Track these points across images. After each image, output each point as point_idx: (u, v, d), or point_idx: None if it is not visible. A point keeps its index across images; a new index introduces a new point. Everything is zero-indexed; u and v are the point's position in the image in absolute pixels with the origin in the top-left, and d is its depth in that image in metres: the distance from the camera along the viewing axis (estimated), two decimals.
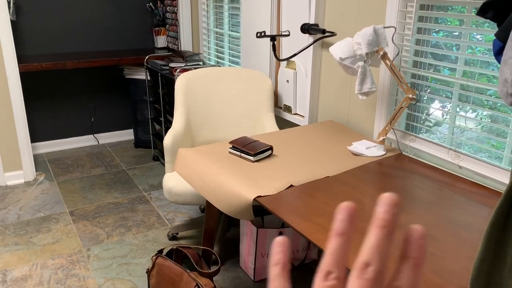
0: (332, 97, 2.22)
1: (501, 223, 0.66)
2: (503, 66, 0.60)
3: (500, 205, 0.65)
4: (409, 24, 1.77)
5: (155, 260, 1.92)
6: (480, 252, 0.68)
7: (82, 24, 3.66)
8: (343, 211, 0.27)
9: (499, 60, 0.68)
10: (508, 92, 0.58)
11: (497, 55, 0.68)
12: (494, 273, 0.68)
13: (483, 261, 0.68)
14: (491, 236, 0.66)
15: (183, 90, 2.45)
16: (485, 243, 0.67)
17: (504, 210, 0.65)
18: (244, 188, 1.49)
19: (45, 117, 3.74)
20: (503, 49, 0.65)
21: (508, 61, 0.58)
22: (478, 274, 0.68)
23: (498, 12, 0.68)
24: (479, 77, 1.60)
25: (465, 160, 1.65)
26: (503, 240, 0.66)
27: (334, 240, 0.27)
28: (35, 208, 2.85)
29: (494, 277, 0.67)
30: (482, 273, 0.68)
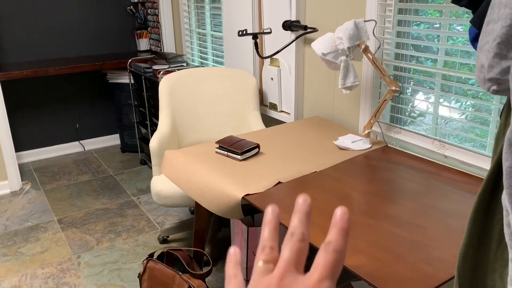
0: (317, 93, 2.22)
1: (484, 208, 0.66)
2: (479, 52, 0.61)
3: (482, 191, 0.65)
4: (389, 17, 1.78)
5: (146, 264, 1.91)
6: (465, 238, 0.68)
7: (63, 30, 3.61)
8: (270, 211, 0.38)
9: (475, 47, 0.69)
10: (485, 77, 0.59)
11: (473, 42, 0.69)
12: (480, 257, 0.68)
13: (468, 246, 0.68)
14: (475, 222, 0.67)
15: (167, 92, 2.43)
16: (470, 229, 0.67)
17: (486, 195, 0.65)
18: (232, 187, 1.49)
19: (29, 126, 3.69)
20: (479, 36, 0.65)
21: (483, 47, 0.59)
22: (464, 260, 0.69)
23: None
24: (460, 67, 1.62)
25: (450, 150, 1.67)
26: (486, 225, 0.67)
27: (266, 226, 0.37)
28: (23, 218, 2.81)
29: (480, 261, 0.68)
30: (468, 258, 0.69)
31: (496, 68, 0.56)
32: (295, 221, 0.35)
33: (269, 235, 0.36)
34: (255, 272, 0.35)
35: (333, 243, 0.33)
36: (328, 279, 0.31)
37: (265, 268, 0.34)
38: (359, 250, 1.15)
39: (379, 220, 1.30)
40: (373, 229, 1.25)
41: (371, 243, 1.18)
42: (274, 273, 0.33)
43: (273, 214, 0.38)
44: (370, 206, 1.38)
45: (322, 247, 0.33)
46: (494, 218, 0.65)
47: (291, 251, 0.34)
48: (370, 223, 1.28)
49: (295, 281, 0.32)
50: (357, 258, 1.11)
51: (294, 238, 0.34)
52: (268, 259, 0.35)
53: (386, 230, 1.24)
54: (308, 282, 0.31)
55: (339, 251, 0.32)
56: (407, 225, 1.27)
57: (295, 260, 0.33)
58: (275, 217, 0.38)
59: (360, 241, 1.19)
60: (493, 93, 0.60)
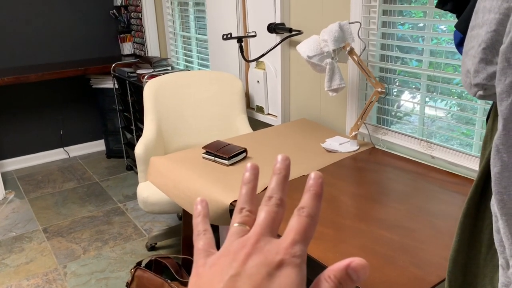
0: (303, 95, 2.22)
1: (473, 213, 0.66)
2: (464, 57, 0.60)
3: (471, 196, 0.65)
4: (373, 19, 1.78)
5: (134, 272, 1.88)
6: (455, 244, 0.67)
7: (45, 35, 3.55)
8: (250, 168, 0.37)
9: (461, 51, 0.68)
10: (471, 83, 0.58)
11: (459, 46, 0.68)
12: (470, 263, 0.68)
13: (458, 252, 0.68)
14: (465, 227, 0.66)
15: (152, 96, 2.40)
16: (459, 234, 0.67)
17: (475, 200, 0.65)
18: (220, 193, 1.47)
19: (12, 133, 3.62)
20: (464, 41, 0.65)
21: (469, 52, 0.58)
22: (455, 266, 0.68)
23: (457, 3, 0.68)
24: (445, 67, 1.63)
25: (437, 150, 1.68)
26: (476, 230, 0.66)
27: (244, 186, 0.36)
28: (6, 228, 2.75)
29: (470, 266, 0.67)
30: (458, 264, 0.68)
31: (482, 73, 0.55)
32: (273, 184, 0.35)
33: (246, 197, 0.36)
34: (230, 232, 0.34)
35: (306, 208, 0.33)
36: (300, 243, 0.32)
37: (240, 230, 0.34)
38: (349, 254, 1.14)
39: (368, 223, 1.29)
40: (362, 232, 1.24)
41: (361, 247, 1.17)
42: (249, 234, 0.33)
43: (252, 174, 0.37)
44: (359, 209, 1.38)
45: (295, 212, 0.33)
46: (484, 223, 0.65)
47: (267, 215, 0.34)
48: (359, 227, 1.27)
49: (269, 244, 0.32)
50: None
51: (271, 202, 0.34)
52: (244, 221, 0.35)
53: (376, 233, 1.24)
54: (281, 246, 0.31)
55: (312, 216, 0.33)
56: (396, 227, 1.27)
57: (271, 224, 0.33)
58: (255, 177, 0.37)
59: (350, 245, 1.18)
60: (479, 98, 0.59)
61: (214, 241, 0.36)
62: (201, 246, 0.35)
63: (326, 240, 1.21)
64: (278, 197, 0.34)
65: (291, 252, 0.31)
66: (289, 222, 0.33)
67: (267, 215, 0.33)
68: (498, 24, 0.51)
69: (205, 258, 0.34)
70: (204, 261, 0.33)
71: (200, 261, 0.34)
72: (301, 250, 0.31)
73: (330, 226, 1.29)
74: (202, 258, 0.34)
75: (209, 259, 0.33)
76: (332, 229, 1.27)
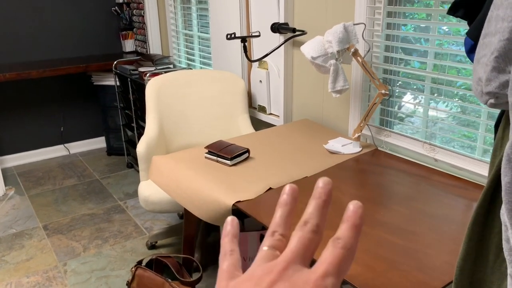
0: (306, 96, 2.21)
1: (482, 221, 0.65)
2: (476, 65, 0.60)
3: (480, 204, 0.64)
4: (378, 20, 1.78)
5: (134, 271, 1.87)
6: (463, 251, 0.67)
7: (47, 32, 3.54)
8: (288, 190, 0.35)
9: (471, 58, 0.68)
10: (482, 91, 0.57)
11: (469, 54, 0.67)
12: (477, 270, 0.67)
13: (465, 260, 0.67)
14: (473, 234, 0.66)
15: (154, 95, 2.40)
16: (467, 241, 0.66)
17: (484, 208, 0.64)
18: (223, 193, 1.46)
19: (13, 129, 3.61)
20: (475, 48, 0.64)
21: (480, 60, 0.58)
22: (461, 273, 0.68)
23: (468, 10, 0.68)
24: (449, 69, 1.62)
25: (440, 153, 1.67)
26: (484, 238, 0.66)
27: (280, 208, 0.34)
28: (6, 224, 2.75)
29: (477, 274, 0.67)
30: (465, 271, 0.68)
31: (494, 82, 0.55)
32: (310, 208, 0.33)
33: (281, 220, 0.34)
34: (258, 255, 0.33)
35: (343, 239, 0.31)
36: (332, 276, 0.29)
37: (269, 254, 0.32)
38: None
39: (372, 226, 1.29)
40: (365, 236, 1.24)
41: (365, 251, 1.17)
42: (278, 260, 0.31)
43: (290, 196, 0.34)
44: None
45: (330, 242, 0.31)
46: (492, 231, 0.64)
47: (300, 241, 0.31)
48: (363, 230, 1.27)
49: (298, 273, 0.30)
50: (352, 267, 1.10)
51: (306, 228, 0.32)
52: (275, 245, 0.33)
53: (379, 237, 1.24)
54: (311, 277, 0.29)
55: (349, 248, 0.31)
56: (400, 231, 1.26)
57: (303, 252, 0.31)
58: (293, 200, 0.34)
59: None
60: (490, 106, 0.58)
61: (240, 263, 0.34)
62: (225, 267, 0.33)
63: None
64: (314, 223, 0.32)
65: (321, 284, 0.28)
66: (322, 252, 0.31)
67: (300, 241, 0.31)
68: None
69: (228, 280, 0.32)
70: (227, 283, 0.31)
71: (222, 283, 0.32)
72: (332, 285, 0.29)
73: (333, 228, 1.28)
74: (225, 280, 0.32)
75: (232, 282, 0.31)
76: (334, 232, 1.27)
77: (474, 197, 1.46)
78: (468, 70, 1.57)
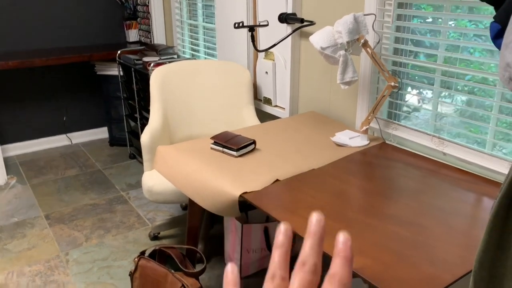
0: (313, 88, 2.19)
1: (504, 213, 0.63)
2: (504, 49, 0.57)
3: (502, 195, 0.62)
4: (388, 11, 1.75)
5: (137, 262, 1.86)
6: (483, 244, 0.65)
7: (50, 20, 3.51)
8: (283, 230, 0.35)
9: (497, 44, 0.65)
10: (510, 76, 0.55)
11: (495, 39, 0.65)
12: (498, 264, 0.65)
13: (485, 252, 0.65)
14: (494, 227, 0.64)
15: (158, 85, 2.37)
16: (488, 233, 0.65)
17: (506, 200, 0.62)
18: (229, 184, 1.45)
19: (15, 118, 3.59)
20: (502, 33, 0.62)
21: (510, 44, 0.55)
22: (481, 266, 0.66)
23: None
24: (458, 62, 1.60)
25: (449, 147, 1.65)
26: (505, 230, 0.64)
27: (277, 250, 0.34)
28: (8, 213, 2.73)
29: (498, 268, 0.65)
30: (485, 265, 0.66)
31: None
32: (306, 247, 0.33)
33: (279, 262, 0.34)
34: None
35: (338, 275, 0.32)
36: None
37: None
38: (362, 251, 1.12)
39: (380, 219, 1.27)
40: (374, 228, 1.22)
41: (374, 244, 1.15)
42: None
43: (285, 236, 0.35)
44: (370, 204, 1.36)
45: (326, 280, 0.32)
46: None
47: (300, 283, 0.32)
48: (371, 223, 1.25)
49: None
50: (361, 259, 1.08)
51: (305, 269, 0.33)
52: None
53: (388, 230, 1.22)
54: None
55: (345, 283, 0.32)
56: (408, 224, 1.25)
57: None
58: (288, 240, 0.35)
59: (363, 242, 1.16)
60: None
61: None
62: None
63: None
64: (312, 263, 0.33)
65: None
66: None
67: (300, 284, 0.32)
68: None
69: None
70: None
71: None
72: None
73: (341, 220, 1.27)
74: None
75: None
76: (342, 224, 1.25)
77: (483, 191, 1.44)
78: (476, 65, 1.55)
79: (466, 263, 1.07)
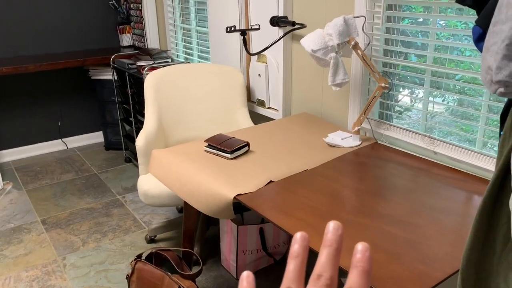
0: (305, 89, 2.21)
1: (489, 212, 0.65)
2: (485, 53, 0.59)
3: (487, 194, 0.64)
4: (378, 13, 1.77)
5: (134, 265, 1.87)
6: (469, 242, 0.67)
7: (44, 25, 3.51)
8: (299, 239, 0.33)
9: (480, 47, 0.67)
10: (492, 80, 0.57)
11: (477, 42, 0.67)
12: (484, 260, 0.67)
13: (472, 250, 0.67)
14: (480, 225, 0.66)
15: (153, 89, 2.38)
16: (474, 232, 0.67)
17: (491, 198, 0.64)
18: (223, 187, 1.46)
19: (10, 124, 3.59)
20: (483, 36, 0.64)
21: (490, 48, 0.58)
22: (468, 264, 0.68)
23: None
24: (448, 63, 1.62)
25: (439, 146, 1.67)
26: (491, 228, 0.66)
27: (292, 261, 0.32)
28: (4, 219, 2.73)
29: (484, 264, 0.67)
30: (472, 262, 0.68)
31: (505, 70, 0.55)
32: (322, 258, 0.31)
33: (294, 274, 0.32)
34: None
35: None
36: None
37: None
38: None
39: (373, 218, 1.29)
40: (367, 228, 1.24)
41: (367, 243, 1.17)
42: None
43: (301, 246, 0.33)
44: (363, 204, 1.38)
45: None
46: (499, 221, 0.64)
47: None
48: (364, 222, 1.27)
49: None
50: None
51: (320, 283, 0.31)
52: None
53: (380, 229, 1.24)
54: None
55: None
56: (401, 223, 1.27)
57: None
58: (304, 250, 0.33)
59: (356, 241, 1.18)
60: (500, 95, 0.58)
61: None
62: None
63: None
64: (328, 276, 0.31)
65: None
66: None
67: None
68: None
69: None
70: None
71: None
72: None
73: (334, 218, 1.28)
74: None
75: None
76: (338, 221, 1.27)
77: (474, 189, 1.46)
78: (466, 64, 1.57)
79: (457, 261, 1.09)
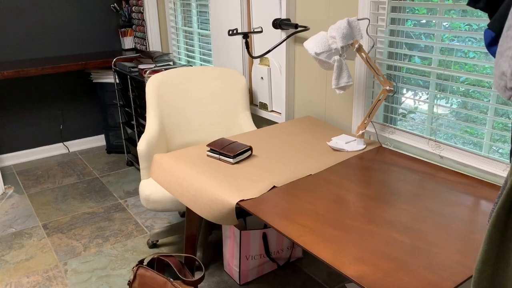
0: (308, 92, 2.18)
1: (503, 223, 0.63)
2: (499, 58, 0.57)
3: (500, 205, 0.62)
4: (382, 15, 1.75)
5: (136, 271, 1.85)
6: (482, 254, 0.65)
7: (45, 29, 3.50)
8: None
9: (492, 52, 0.65)
10: (506, 86, 0.55)
11: (489, 46, 0.65)
12: (497, 273, 0.65)
13: (485, 262, 0.65)
14: (493, 237, 0.63)
15: (155, 92, 2.37)
16: (487, 243, 0.64)
17: (506, 208, 0.62)
18: (226, 192, 1.44)
19: (11, 127, 3.58)
20: (496, 40, 0.61)
21: (504, 53, 0.55)
22: (481, 276, 0.66)
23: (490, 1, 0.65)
24: (454, 65, 1.60)
25: (445, 150, 1.65)
26: (505, 240, 0.63)
27: None
28: (6, 223, 2.72)
29: (498, 277, 0.65)
30: (485, 275, 0.66)
31: None
32: None
33: None
34: None
35: None
36: None
37: None
38: (360, 258, 1.11)
39: (378, 225, 1.27)
40: (372, 234, 1.22)
41: (372, 250, 1.14)
42: None
43: None
44: (368, 210, 1.35)
45: None
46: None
47: None
48: (370, 229, 1.25)
49: None
50: (359, 267, 1.08)
51: None
52: None
53: (386, 236, 1.21)
54: None
55: None
56: (407, 230, 1.24)
57: None
58: None
59: (361, 248, 1.15)
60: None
61: None
62: None
63: (335, 242, 1.18)
64: None
65: None
66: None
67: None
68: None
69: None
70: None
71: None
72: None
73: (339, 227, 1.26)
74: None
75: None
76: (340, 231, 1.24)
77: (481, 194, 1.44)
78: (470, 66, 1.55)
79: (466, 269, 1.06)
